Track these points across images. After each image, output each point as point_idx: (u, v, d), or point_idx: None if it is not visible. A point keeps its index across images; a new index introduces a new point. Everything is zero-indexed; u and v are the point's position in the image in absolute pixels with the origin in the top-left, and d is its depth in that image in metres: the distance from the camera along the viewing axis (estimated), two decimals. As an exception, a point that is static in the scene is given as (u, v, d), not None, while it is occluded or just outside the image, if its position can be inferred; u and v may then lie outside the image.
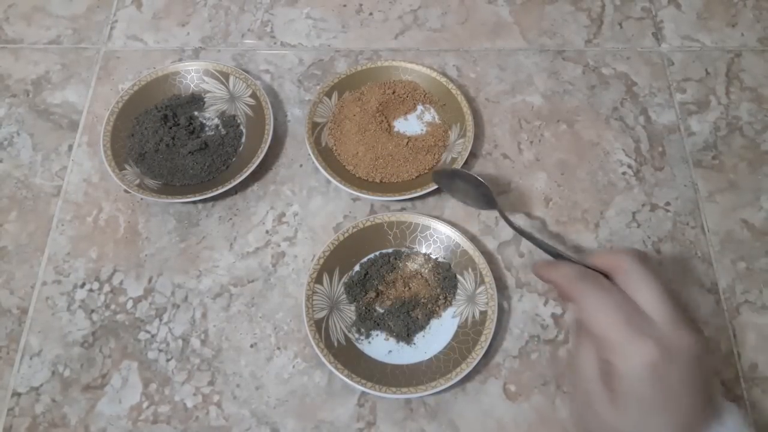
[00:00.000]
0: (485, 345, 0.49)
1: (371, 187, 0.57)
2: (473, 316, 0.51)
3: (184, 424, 0.49)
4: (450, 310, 0.53)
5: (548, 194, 0.58)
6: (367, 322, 0.52)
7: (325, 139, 0.60)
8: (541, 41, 0.67)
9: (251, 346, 0.52)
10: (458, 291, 0.53)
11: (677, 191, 0.58)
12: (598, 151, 0.60)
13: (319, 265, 0.52)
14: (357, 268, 0.54)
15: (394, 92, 0.61)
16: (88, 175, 0.59)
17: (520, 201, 0.58)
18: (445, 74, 0.63)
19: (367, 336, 0.52)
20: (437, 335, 0.52)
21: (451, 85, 0.61)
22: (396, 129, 0.61)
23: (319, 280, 0.52)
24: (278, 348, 0.52)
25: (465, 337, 0.51)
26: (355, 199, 0.58)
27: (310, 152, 0.58)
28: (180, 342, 0.52)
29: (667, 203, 0.58)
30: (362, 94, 0.61)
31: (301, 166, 0.60)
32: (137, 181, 0.56)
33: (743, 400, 0.49)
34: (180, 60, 0.66)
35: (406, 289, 0.53)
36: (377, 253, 0.55)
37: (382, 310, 0.53)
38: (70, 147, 0.61)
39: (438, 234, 0.55)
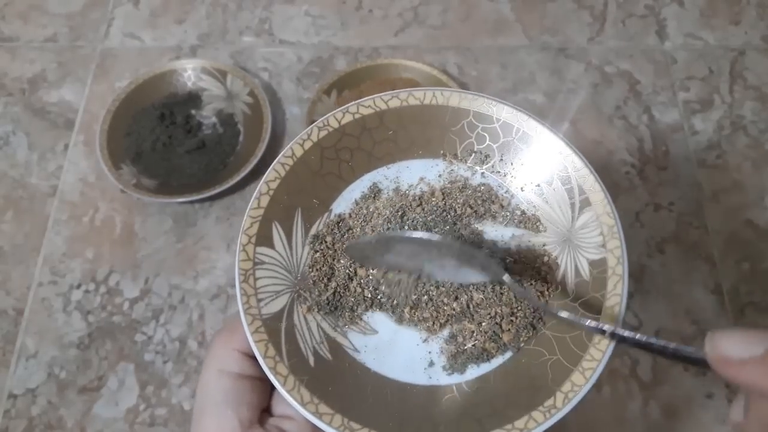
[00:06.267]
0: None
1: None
2: (576, 272, 0.30)
3: (182, 426, 0.48)
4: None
5: (550, 194, 0.58)
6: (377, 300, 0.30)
7: (324, 138, 0.59)
8: (544, 39, 0.66)
9: (249, 347, 0.51)
10: (543, 223, 0.32)
11: (681, 191, 0.58)
12: (601, 150, 0.60)
13: (262, 209, 0.30)
14: (339, 202, 0.32)
15: (393, 90, 0.61)
16: (84, 174, 0.59)
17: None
18: (446, 72, 0.62)
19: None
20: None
21: (452, 83, 0.60)
22: (396, 128, 0.60)
23: (265, 238, 0.29)
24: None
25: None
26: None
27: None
28: (177, 344, 0.51)
29: (671, 203, 0.57)
30: (362, 92, 0.61)
31: (299, 165, 0.59)
32: (134, 181, 0.56)
33: (748, 402, 0.49)
34: (177, 58, 0.65)
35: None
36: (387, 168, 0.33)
37: (400, 276, 0.30)
38: (66, 146, 0.60)
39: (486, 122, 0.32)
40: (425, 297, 0.30)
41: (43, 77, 0.64)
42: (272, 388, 0.28)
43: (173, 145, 0.58)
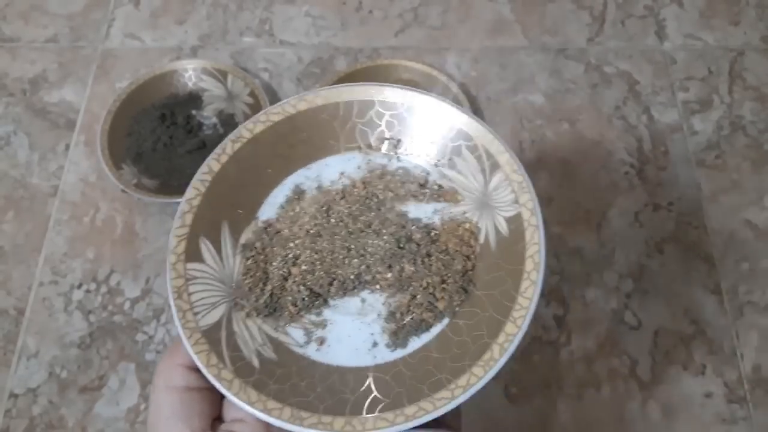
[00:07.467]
0: (536, 278, 0.28)
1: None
2: (496, 230, 0.31)
3: (182, 426, 0.48)
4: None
5: (550, 194, 0.58)
6: (319, 297, 0.30)
7: (324, 139, 0.59)
8: (543, 39, 0.66)
9: (250, 347, 0.51)
10: (460, 193, 0.33)
11: (680, 191, 0.58)
12: (600, 151, 0.60)
13: (187, 227, 0.30)
14: (264, 209, 0.33)
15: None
16: (85, 174, 0.59)
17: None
18: (445, 73, 0.62)
19: (323, 325, 0.30)
20: None
21: (452, 84, 0.60)
22: (396, 128, 0.61)
23: (193, 254, 0.30)
24: (277, 349, 0.51)
25: (490, 275, 0.30)
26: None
27: (309, 151, 0.57)
28: (178, 343, 0.51)
29: (670, 203, 0.57)
30: (362, 92, 0.61)
31: (300, 165, 0.59)
32: (135, 181, 0.56)
33: (746, 401, 0.49)
34: (178, 58, 0.65)
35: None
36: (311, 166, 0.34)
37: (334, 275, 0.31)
38: (67, 146, 0.60)
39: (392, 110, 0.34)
40: (363, 267, 0.31)
41: (44, 77, 0.65)
42: (222, 396, 0.28)
43: (174, 146, 0.58)
